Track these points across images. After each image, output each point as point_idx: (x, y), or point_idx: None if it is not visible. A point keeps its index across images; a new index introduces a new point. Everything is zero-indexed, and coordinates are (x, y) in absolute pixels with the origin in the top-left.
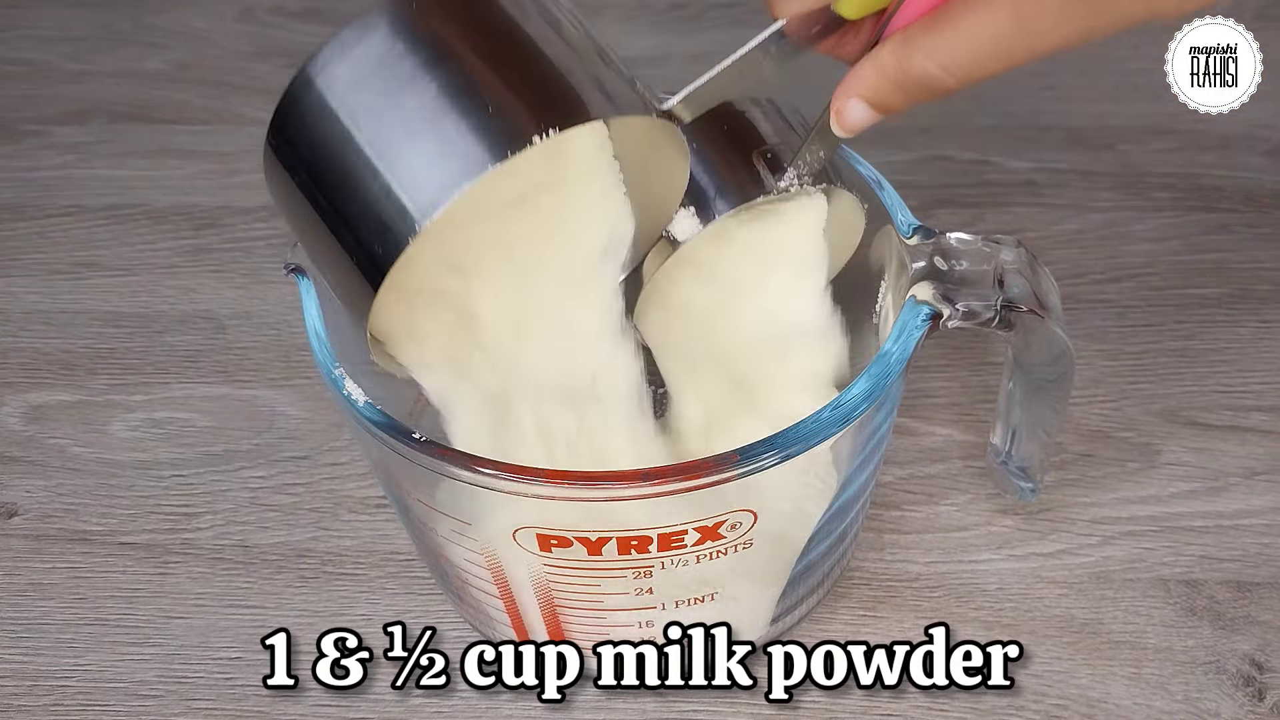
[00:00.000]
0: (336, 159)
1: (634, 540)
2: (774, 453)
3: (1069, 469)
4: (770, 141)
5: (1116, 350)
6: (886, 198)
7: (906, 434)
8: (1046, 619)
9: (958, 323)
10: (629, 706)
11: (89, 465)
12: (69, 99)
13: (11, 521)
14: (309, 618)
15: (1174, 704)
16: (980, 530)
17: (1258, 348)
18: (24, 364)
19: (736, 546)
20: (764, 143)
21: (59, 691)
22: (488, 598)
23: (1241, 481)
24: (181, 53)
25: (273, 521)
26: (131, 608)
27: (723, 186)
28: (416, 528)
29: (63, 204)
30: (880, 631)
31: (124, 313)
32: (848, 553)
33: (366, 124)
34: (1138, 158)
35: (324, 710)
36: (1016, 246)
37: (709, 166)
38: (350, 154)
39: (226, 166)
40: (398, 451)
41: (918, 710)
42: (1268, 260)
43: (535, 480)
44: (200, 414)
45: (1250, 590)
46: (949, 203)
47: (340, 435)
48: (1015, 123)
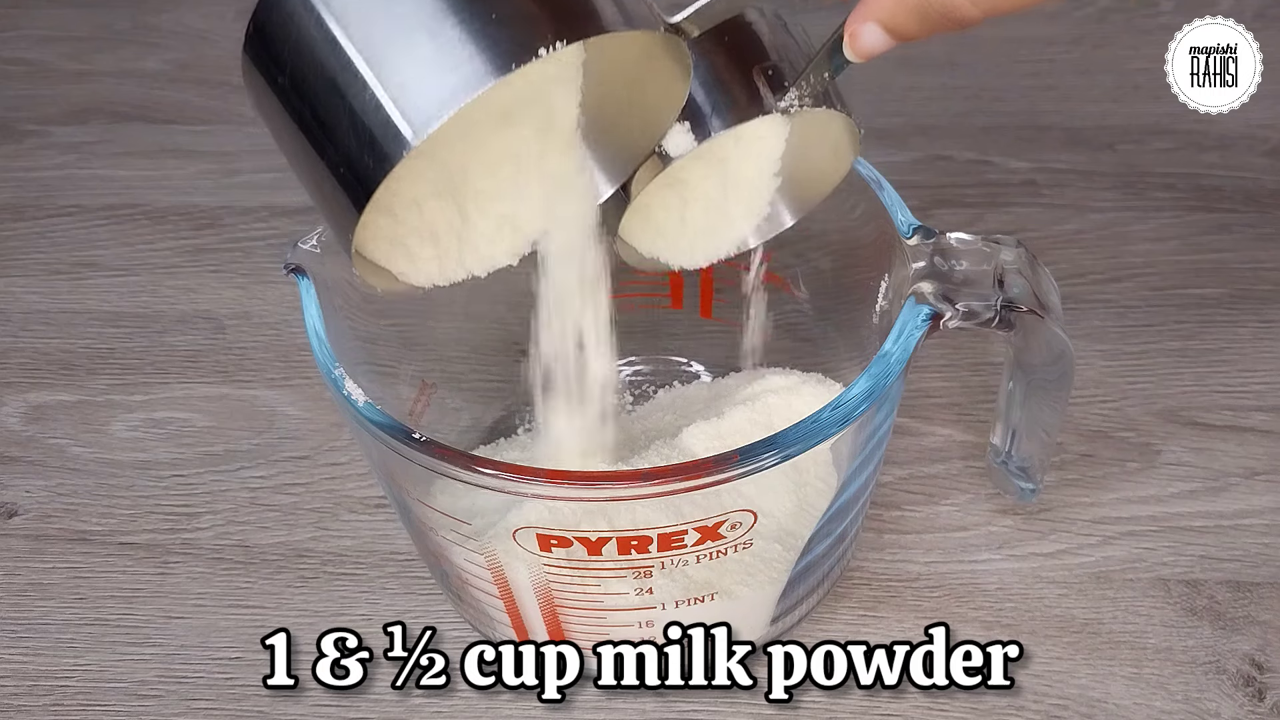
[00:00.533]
0: (322, 66)
1: (634, 540)
2: (774, 452)
3: (1069, 469)
4: (773, 58)
5: (1116, 350)
6: (886, 197)
7: (906, 434)
8: (1046, 619)
9: (958, 323)
10: (629, 706)
11: (89, 465)
12: (69, 99)
13: (11, 521)
14: (309, 618)
15: (1174, 704)
16: (980, 530)
17: (1258, 348)
18: (24, 364)
19: (736, 546)
20: (767, 59)
21: (59, 691)
22: (488, 598)
23: (1241, 481)
24: (181, 53)
25: (273, 521)
26: (131, 608)
27: (719, 104)
28: (416, 528)
29: (63, 204)
30: (880, 631)
31: (124, 313)
32: (848, 553)
33: (357, 28)
34: (1138, 158)
35: (324, 710)
36: (1016, 246)
37: (707, 81)
38: (338, 61)
39: (226, 166)
40: (397, 451)
41: (918, 710)
42: (1268, 260)
43: (535, 480)
44: (200, 414)
45: (1250, 590)
46: (949, 203)
47: (340, 435)
48: (1015, 123)
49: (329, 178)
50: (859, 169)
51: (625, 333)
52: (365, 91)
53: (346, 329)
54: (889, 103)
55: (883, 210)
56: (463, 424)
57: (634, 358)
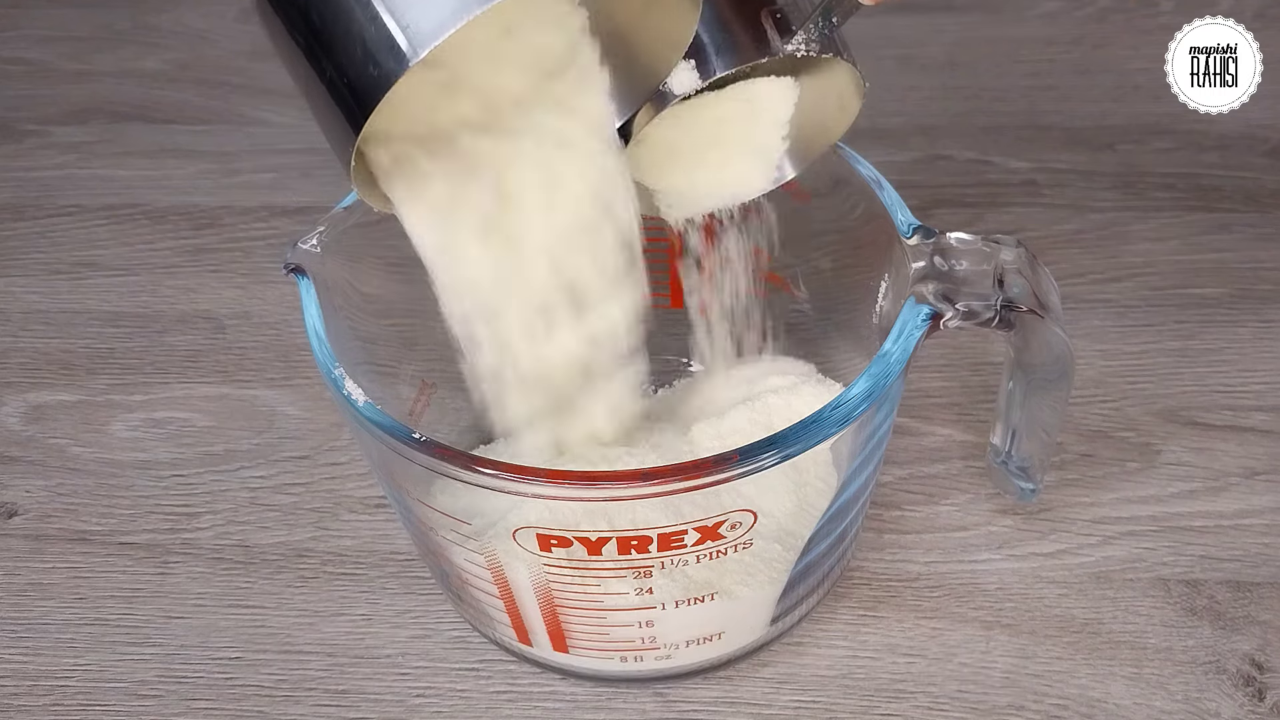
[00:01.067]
0: None
1: (634, 540)
2: (774, 452)
3: (1069, 469)
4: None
5: (1116, 350)
6: (886, 197)
7: (906, 434)
8: (1046, 619)
9: (958, 322)
10: (629, 706)
11: (89, 465)
12: (69, 99)
13: (11, 521)
14: (309, 618)
15: (1174, 704)
16: (980, 530)
17: (1258, 348)
18: (24, 364)
19: (736, 546)
20: (775, 2)
21: (59, 691)
22: (488, 598)
23: (1241, 481)
24: (181, 53)
25: (273, 521)
26: (131, 608)
27: (725, 44)
28: (416, 528)
29: (63, 204)
30: (880, 631)
31: (124, 313)
32: (848, 553)
33: None
34: (1138, 158)
35: (324, 710)
36: (1016, 246)
37: (714, 21)
38: None
39: (226, 166)
40: (398, 451)
41: (918, 710)
42: (1268, 260)
43: (535, 480)
44: (200, 414)
45: (1250, 590)
46: (949, 203)
47: (340, 435)
48: (1015, 123)
49: (326, 96)
50: (859, 169)
51: None
52: (369, 7)
53: (347, 329)
54: (889, 103)
55: (883, 210)
56: (463, 424)
57: None
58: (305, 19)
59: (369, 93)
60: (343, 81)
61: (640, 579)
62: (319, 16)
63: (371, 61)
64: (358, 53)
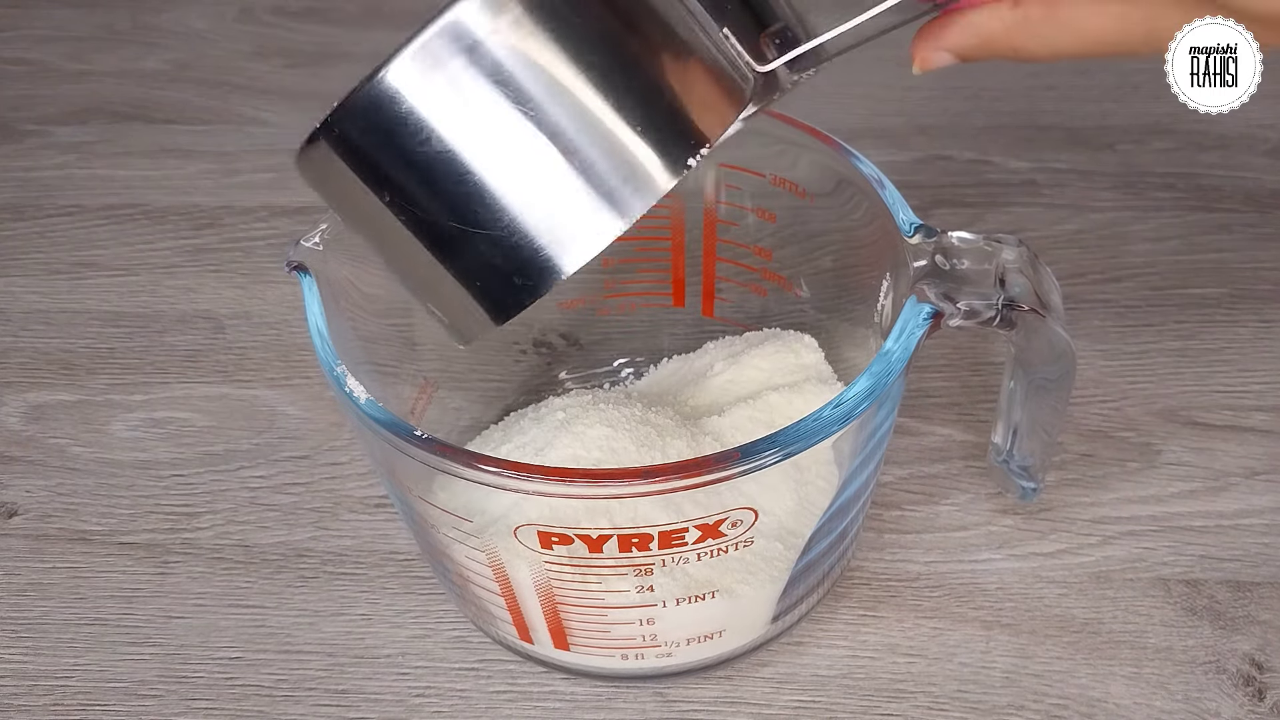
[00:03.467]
0: (452, 174)
1: (635, 538)
2: (775, 451)
3: (1069, 469)
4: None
5: (1116, 350)
6: (888, 196)
7: (907, 434)
8: (1046, 619)
9: (959, 322)
10: (629, 706)
11: (89, 465)
12: (69, 99)
13: (11, 521)
14: (309, 618)
15: (1174, 704)
16: (980, 530)
17: (1258, 348)
18: (24, 364)
19: (737, 545)
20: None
21: (59, 691)
22: (489, 596)
23: (1241, 481)
24: (181, 53)
25: (273, 521)
26: (131, 608)
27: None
28: (417, 526)
29: (63, 204)
30: (880, 631)
31: (124, 313)
32: (848, 552)
33: (495, 128)
34: (1138, 158)
35: (324, 710)
36: (1018, 245)
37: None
38: (472, 170)
39: (226, 166)
40: (399, 449)
41: (918, 710)
42: (1268, 260)
43: (536, 477)
44: (200, 414)
45: (1250, 590)
46: (949, 203)
47: (340, 435)
48: (1015, 123)
49: (456, 290)
50: (860, 168)
51: (625, 333)
52: (508, 211)
53: (348, 328)
54: (889, 103)
55: (884, 209)
56: (463, 423)
57: (634, 357)
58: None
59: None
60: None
61: (641, 576)
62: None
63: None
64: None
